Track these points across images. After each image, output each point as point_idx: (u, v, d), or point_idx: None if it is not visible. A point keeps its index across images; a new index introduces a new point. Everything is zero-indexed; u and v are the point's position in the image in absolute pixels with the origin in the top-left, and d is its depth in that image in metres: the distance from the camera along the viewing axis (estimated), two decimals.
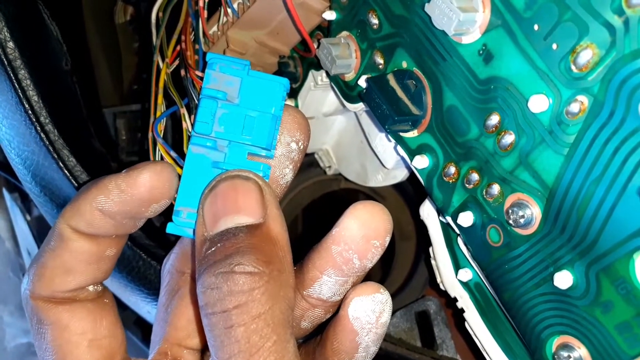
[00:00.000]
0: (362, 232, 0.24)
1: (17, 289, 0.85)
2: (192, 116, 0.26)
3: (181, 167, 0.26)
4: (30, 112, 0.34)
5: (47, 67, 0.37)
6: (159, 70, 0.30)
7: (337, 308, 0.25)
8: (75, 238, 0.25)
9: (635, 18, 0.20)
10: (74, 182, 0.36)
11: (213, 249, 0.22)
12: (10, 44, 0.34)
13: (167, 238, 0.41)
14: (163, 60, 0.30)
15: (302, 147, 0.26)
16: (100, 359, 0.25)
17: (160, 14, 0.32)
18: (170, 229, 0.25)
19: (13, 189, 0.77)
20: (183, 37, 0.30)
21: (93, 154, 0.38)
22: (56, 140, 0.35)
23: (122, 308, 0.36)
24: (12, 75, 0.34)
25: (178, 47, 0.30)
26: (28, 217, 0.74)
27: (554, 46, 0.22)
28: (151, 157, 0.27)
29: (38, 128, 0.34)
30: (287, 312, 0.22)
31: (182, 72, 0.29)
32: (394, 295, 0.46)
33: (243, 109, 0.25)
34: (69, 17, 0.44)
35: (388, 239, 0.24)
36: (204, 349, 0.28)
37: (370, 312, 0.24)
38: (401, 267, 0.48)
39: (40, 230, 0.73)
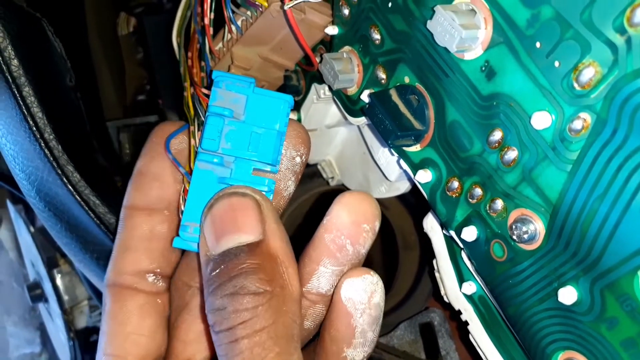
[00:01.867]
0: (351, 217, 0.25)
1: (21, 299, 0.85)
2: (199, 132, 0.27)
3: (189, 183, 0.26)
4: (34, 128, 0.34)
5: (52, 84, 0.37)
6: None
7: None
8: (132, 215, 0.27)
9: (637, 37, 0.20)
10: (78, 197, 0.36)
11: (217, 271, 0.23)
12: (15, 62, 0.34)
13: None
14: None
15: (304, 160, 0.28)
16: (134, 355, 0.26)
17: (178, 39, 0.32)
18: (177, 243, 0.26)
19: (17, 201, 0.77)
20: (190, 54, 0.30)
21: (97, 168, 0.39)
22: (60, 157, 0.35)
23: None
24: (16, 92, 0.34)
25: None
26: (32, 229, 0.74)
27: (557, 64, 0.22)
28: None
29: (42, 144, 0.35)
30: (292, 326, 0.22)
31: (190, 90, 0.29)
32: (397, 307, 0.46)
33: (249, 126, 0.25)
34: (73, 32, 0.44)
35: (377, 224, 0.25)
36: None
37: (362, 292, 0.24)
38: (405, 278, 0.48)
39: (44, 242, 0.73)
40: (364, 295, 0.24)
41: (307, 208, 0.52)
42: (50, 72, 0.37)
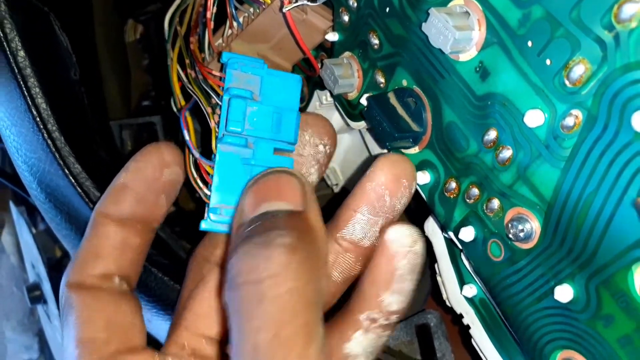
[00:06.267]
0: (392, 171, 0.26)
1: (20, 304, 0.86)
2: (216, 116, 0.27)
3: (211, 167, 0.27)
4: (38, 119, 0.35)
5: (56, 76, 0.38)
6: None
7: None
8: (104, 222, 0.27)
9: (625, 33, 0.20)
10: (79, 188, 0.37)
11: (252, 226, 0.22)
12: (22, 53, 0.35)
13: (169, 247, 0.41)
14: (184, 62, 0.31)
15: (328, 151, 0.29)
16: (114, 339, 0.26)
17: (177, 19, 0.33)
18: (204, 226, 0.26)
19: (20, 202, 0.78)
20: (192, 39, 0.31)
21: (98, 162, 0.39)
22: (63, 148, 0.36)
23: None
24: (22, 83, 0.35)
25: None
26: (34, 230, 0.75)
27: (548, 62, 0.23)
28: None
29: (45, 135, 0.36)
30: (320, 294, 0.21)
31: (193, 73, 0.29)
32: None
33: (268, 107, 0.26)
34: (80, 29, 0.45)
35: (414, 185, 0.27)
36: (223, 340, 0.28)
37: (407, 236, 0.26)
38: None
39: (45, 244, 0.74)
40: (408, 239, 0.25)
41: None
42: (55, 64, 0.38)
